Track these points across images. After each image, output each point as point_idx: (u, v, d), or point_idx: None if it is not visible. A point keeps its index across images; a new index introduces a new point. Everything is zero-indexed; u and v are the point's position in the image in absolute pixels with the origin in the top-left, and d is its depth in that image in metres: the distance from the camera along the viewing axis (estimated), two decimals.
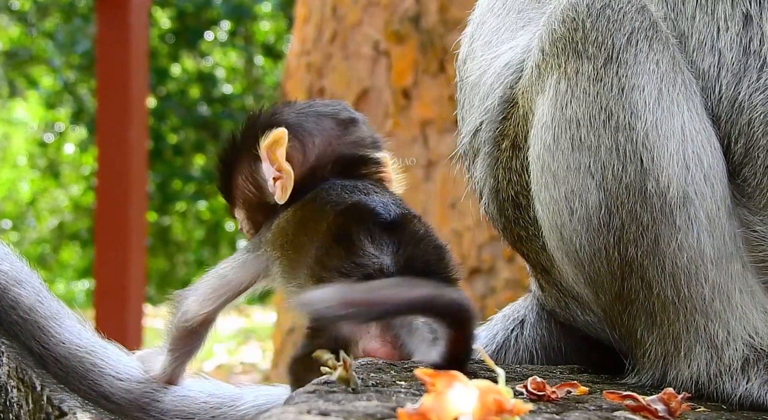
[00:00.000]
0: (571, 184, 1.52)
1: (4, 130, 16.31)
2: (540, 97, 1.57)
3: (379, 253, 1.52)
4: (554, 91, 1.54)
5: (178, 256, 15.32)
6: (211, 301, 1.67)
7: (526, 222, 1.65)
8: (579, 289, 1.58)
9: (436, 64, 4.45)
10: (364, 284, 1.44)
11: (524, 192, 1.63)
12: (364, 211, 1.57)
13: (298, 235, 1.60)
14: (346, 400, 1.18)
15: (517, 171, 1.64)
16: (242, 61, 14.25)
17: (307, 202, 1.63)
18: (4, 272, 1.75)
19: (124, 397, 1.75)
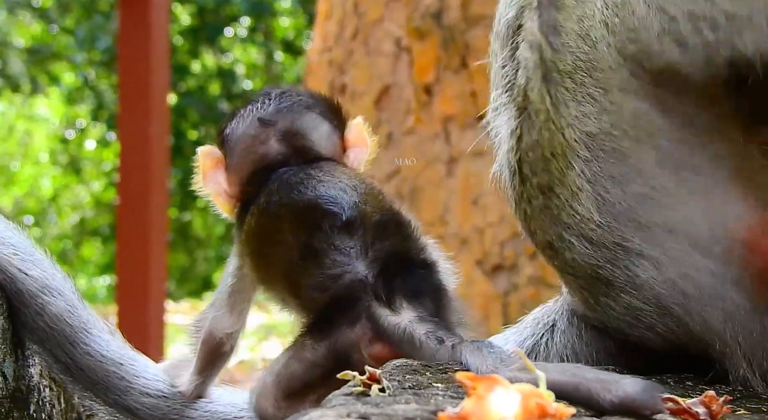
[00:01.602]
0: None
1: (26, 126, 16.37)
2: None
3: (348, 259, 1.49)
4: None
5: (198, 251, 15.36)
6: (236, 316, 1.66)
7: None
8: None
9: (458, 60, 4.44)
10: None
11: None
12: (317, 215, 1.52)
13: (261, 246, 1.57)
14: (384, 403, 1.17)
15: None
16: (262, 57, 14.26)
17: (261, 206, 1.59)
18: (34, 278, 1.73)
19: (151, 414, 1.74)
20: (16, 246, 1.74)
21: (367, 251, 1.51)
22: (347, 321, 1.48)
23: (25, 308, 1.73)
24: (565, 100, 1.55)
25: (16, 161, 16.49)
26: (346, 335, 1.48)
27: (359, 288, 1.49)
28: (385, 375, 1.32)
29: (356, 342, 1.48)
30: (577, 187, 1.56)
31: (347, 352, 1.49)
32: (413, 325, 1.46)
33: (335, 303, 1.49)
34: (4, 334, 1.71)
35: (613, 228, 1.54)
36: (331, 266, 1.49)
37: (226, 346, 1.68)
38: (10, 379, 1.72)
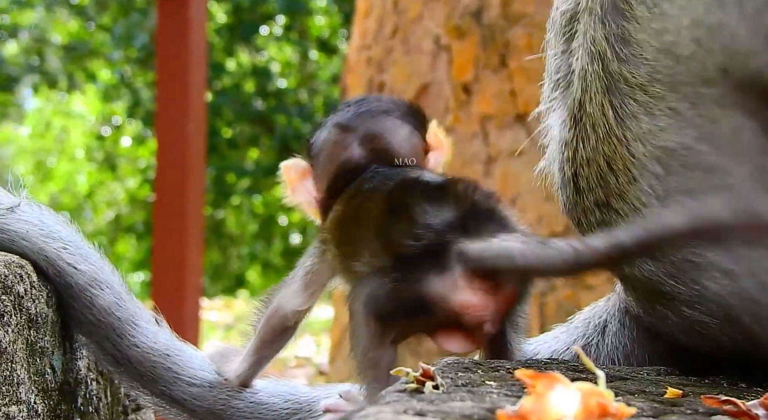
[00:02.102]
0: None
1: (63, 122, 16.47)
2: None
3: (440, 211, 1.50)
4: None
5: (231, 249, 15.40)
6: (308, 295, 1.65)
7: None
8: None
9: (497, 58, 4.42)
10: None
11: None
12: (408, 184, 1.56)
13: (349, 223, 1.58)
14: (439, 400, 1.17)
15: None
16: (297, 55, 14.28)
17: (349, 198, 1.61)
18: (83, 272, 1.74)
19: (197, 404, 1.74)
20: (65, 240, 1.75)
21: (457, 203, 1.51)
22: (437, 269, 1.47)
23: (75, 301, 1.74)
24: (634, 113, 1.52)
25: (52, 157, 16.59)
26: (435, 283, 1.46)
27: (449, 232, 1.47)
28: (438, 372, 1.31)
29: (443, 291, 1.46)
30: (640, 203, 1.53)
31: (433, 301, 1.47)
32: (505, 242, 1.44)
33: (426, 252, 1.48)
34: (53, 327, 1.72)
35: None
36: (424, 217, 1.49)
37: (289, 323, 1.67)
38: (59, 372, 1.73)
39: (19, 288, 1.65)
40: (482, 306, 1.45)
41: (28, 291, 1.66)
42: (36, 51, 14.21)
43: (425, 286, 1.47)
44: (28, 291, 1.66)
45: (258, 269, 15.38)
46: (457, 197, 1.52)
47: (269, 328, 1.67)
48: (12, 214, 1.74)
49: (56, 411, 1.71)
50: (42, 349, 1.69)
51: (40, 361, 1.68)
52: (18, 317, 1.64)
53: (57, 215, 1.78)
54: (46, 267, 1.73)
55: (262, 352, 1.70)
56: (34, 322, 1.67)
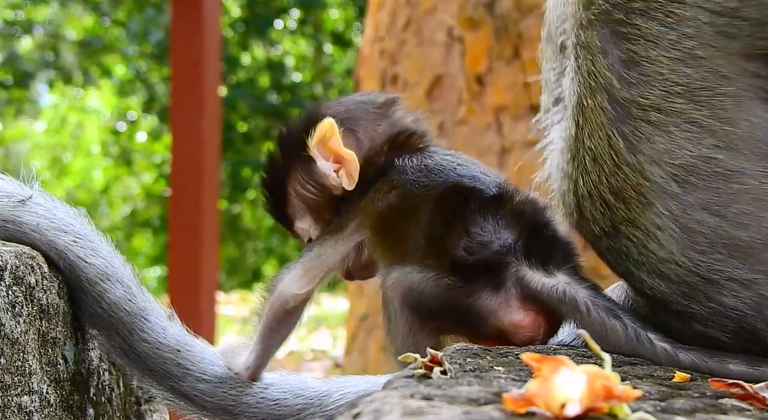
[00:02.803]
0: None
1: (78, 118, 16.52)
2: None
3: (496, 227, 1.53)
4: None
5: (247, 243, 15.42)
6: (307, 280, 1.66)
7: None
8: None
9: (510, 50, 4.41)
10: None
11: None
12: (464, 192, 1.58)
13: (394, 220, 1.60)
14: (446, 385, 1.17)
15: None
16: (311, 49, 14.28)
17: (391, 184, 1.62)
18: (93, 266, 1.74)
19: (207, 400, 1.74)
20: (76, 233, 1.75)
21: (514, 222, 1.55)
22: (491, 286, 1.52)
23: (84, 295, 1.74)
24: (648, 135, 1.51)
25: (68, 153, 16.64)
26: (488, 299, 1.52)
27: (507, 254, 1.52)
28: (446, 358, 1.31)
29: (496, 308, 1.51)
30: (655, 227, 1.52)
31: (482, 315, 1.51)
32: (573, 288, 1.51)
33: (480, 267, 1.52)
34: (64, 317, 1.73)
35: (698, 262, 1.51)
36: (480, 234, 1.53)
37: (290, 307, 1.67)
38: (71, 363, 1.74)
39: (31, 279, 1.65)
40: (534, 327, 1.53)
41: (39, 282, 1.67)
42: (51, 47, 14.25)
43: (479, 301, 1.51)
44: (39, 282, 1.67)
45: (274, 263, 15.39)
46: (515, 215, 1.55)
47: (272, 314, 1.68)
48: (23, 206, 1.74)
49: (68, 401, 1.72)
50: (54, 340, 1.70)
51: (52, 351, 1.69)
52: (30, 308, 1.64)
53: (69, 208, 1.78)
54: (56, 260, 1.73)
55: (268, 340, 1.70)
56: (45, 313, 1.68)
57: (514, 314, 1.52)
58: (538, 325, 1.53)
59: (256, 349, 1.72)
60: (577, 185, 1.59)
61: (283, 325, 1.69)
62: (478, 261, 1.52)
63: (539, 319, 1.53)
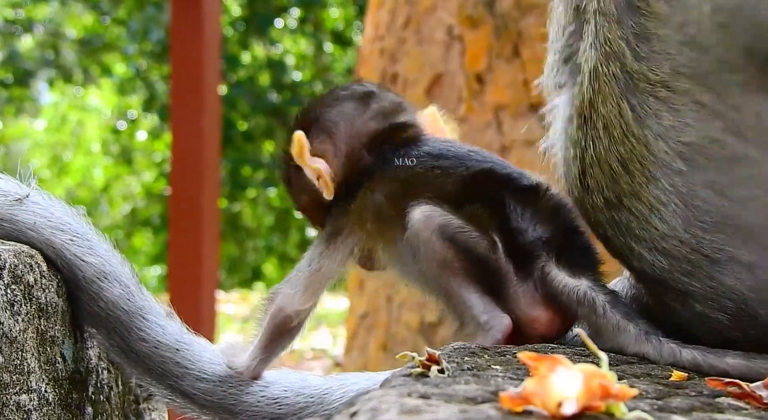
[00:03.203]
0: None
1: (78, 116, 16.52)
2: None
3: (532, 218, 1.56)
4: None
5: (248, 242, 15.42)
6: (309, 295, 1.66)
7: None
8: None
9: (510, 48, 4.42)
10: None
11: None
12: (498, 178, 1.59)
13: (401, 200, 1.59)
14: (444, 383, 1.17)
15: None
16: (311, 48, 14.28)
17: (387, 177, 1.62)
18: (90, 264, 1.74)
19: (207, 399, 1.74)
20: (73, 232, 1.75)
21: (549, 218, 1.57)
22: (522, 272, 1.54)
23: (82, 293, 1.74)
24: (656, 111, 1.51)
25: (68, 151, 16.64)
26: (518, 284, 1.54)
27: (540, 247, 1.54)
28: (444, 356, 1.32)
29: (520, 297, 1.54)
30: (659, 202, 1.52)
31: (508, 297, 1.54)
32: (594, 292, 1.53)
33: (514, 250, 1.54)
34: (63, 316, 1.73)
35: (702, 240, 1.51)
36: (518, 221, 1.55)
37: (293, 323, 1.68)
38: (69, 361, 1.74)
39: (29, 277, 1.66)
40: (549, 325, 1.55)
41: (38, 280, 1.67)
42: (51, 45, 14.25)
43: (509, 280, 1.54)
44: (38, 280, 1.67)
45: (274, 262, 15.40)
46: (550, 211, 1.58)
47: (274, 326, 1.68)
48: (20, 205, 1.74)
49: (67, 400, 1.72)
50: (53, 338, 1.70)
51: (51, 350, 1.69)
52: (28, 306, 1.65)
53: (67, 206, 1.78)
54: (54, 258, 1.73)
55: (269, 348, 1.71)
56: (44, 311, 1.68)
57: (535, 309, 1.54)
58: (553, 324, 1.56)
59: (259, 355, 1.72)
60: (585, 152, 1.59)
61: (285, 336, 1.70)
62: (513, 244, 1.54)
63: (556, 318, 1.55)
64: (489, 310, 1.53)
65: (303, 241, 15.07)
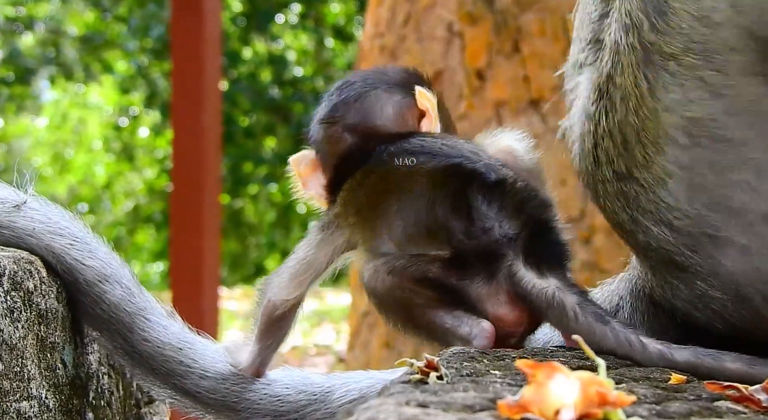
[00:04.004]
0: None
1: (80, 114, 16.53)
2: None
3: (498, 215, 1.53)
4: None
5: (250, 238, 15.44)
6: (295, 285, 1.66)
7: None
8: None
9: (510, 44, 4.41)
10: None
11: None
12: (464, 175, 1.56)
13: (376, 197, 1.59)
14: (442, 391, 1.17)
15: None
16: (313, 43, 14.28)
17: (370, 171, 1.61)
18: (91, 268, 1.75)
19: (211, 397, 1.74)
20: (72, 236, 1.75)
21: (516, 213, 1.54)
22: (485, 273, 1.52)
23: (84, 297, 1.75)
24: (666, 84, 1.52)
25: (70, 149, 16.66)
26: (480, 287, 1.52)
27: (506, 245, 1.52)
28: (443, 362, 1.32)
29: (484, 297, 1.52)
30: (666, 174, 1.53)
31: (472, 303, 1.52)
32: (563, 293, 1.50)
33: (477, 253, 1.52)
34: (63, 322, 1.73)
35: (703, 216, 1.52)
36: (482, 219, 1.53)
37: (279, 312, 1.67)
38: (70, 367, 1.74)
39: (29, 284, 1.66)
40: (516, 323, 1.53)
41: (38, 286, 1.67)
42: (52, 43, 14.26)
43: (470, 286, 1.52)
44: (38, 286, 1.67)
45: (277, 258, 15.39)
46: (517, 205, 1.54)
47: (265, 318, 1.68)
48: (18, 211, 1.74)
49: (68, 405, 1.72)
50: (53, 344, 1.70)
51: (51, 356, 1.69)
52: (28, 313, 1.65)
53: (64, 211, 1.78)
54: (54, 263, 1.73)
55: (264, 340, 1.71)
56: (44, 318, 1.68)
57: (500, 307, 1.52)
58: (520, 322, 1.53)
59: (256, 348, 1.73)
60: (598, 125, 1.59)
61: (277, 327, 1.70)
62: (476, 246, 1.51)
63: (523, 316, 1.53)
64: (466, 321, 1.52)
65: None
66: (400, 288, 1.54)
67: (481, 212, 1.52)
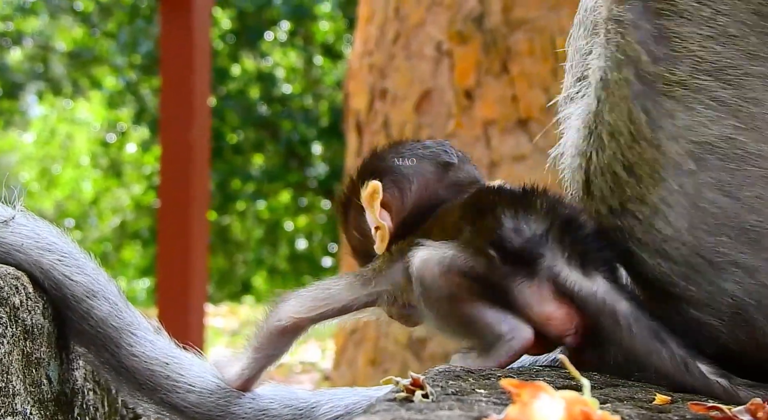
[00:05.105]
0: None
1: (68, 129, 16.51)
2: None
3: (527, 217, 1.52)
4: None
5: (237, 255, 15.42)
6: (307, 308, 1.66)
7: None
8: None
9: (499, 64, 4.43)
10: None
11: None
12: (491, 190, 1.60)
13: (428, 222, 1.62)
14: (427, 409, 1.17)
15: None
16: (302, 61, 14.30)
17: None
18: (79, 283, 1.75)
19: (196, 411, 1.74)
20: (60, 252, 1.76)
21: (543, 215, 1.53)
22: (526, 274, 1.50)
23: (71, 313, 1.75)
24: (671, 111, 1.52)
25: (57, 164, 16.63)
26: (524, 287, 1.50)
27: (539, 244, 1.50)
28: (429, 381, 1.32)
29: (529, 299, 1.50)
30: (665, 204, 1.53)
31: (519, 305, 1.50)
32: (613, 297, 1.47)
33: (514, 255, 1.50)
34: (49, 338, 1.73)
35: (705, 243, 1.51)
36: (510, 221, 1.52)
37: (284, 331, 1.67)
38: (55, 383, 1.74)
39: (15, 300, 1.66)
40: (565, 321, 1.49)
41: (23, 302, 1.67)
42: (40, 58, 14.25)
43: (515, 287, 1.49)
44: (23, 302, 1.67)
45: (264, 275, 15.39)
46: (544, 207, 1.54)
47: (267, 331, 1.68)
48: (7, 227, 1.74)
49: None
50: (38, 360, 1.70)
51: (36, 372, 1.69)
52: (14, 329, 1.65)
53: (52, 227, 1.78)
54: (42, 279, 1.73)
55: (258, 355, 1.71)
56: (30, 333, 1.68)
57: (546, 305, 1.49)
58: (570, 318, 1.49)
59: (247, 362, 1.73)
60: (589, 162, 1.59)
61: (275, 345, 1.69)
62: (512, 248, 1.50)
63: (572, 312, 1.49)
64: (509, 321, 1.50)
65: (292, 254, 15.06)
66: (448, 279, 1.52)
67: (508, 216, 1.52)
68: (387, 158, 1.71)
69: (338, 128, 10.60)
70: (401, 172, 1.69)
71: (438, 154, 1.71)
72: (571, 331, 1.50)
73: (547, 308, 1.49)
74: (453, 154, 1.71)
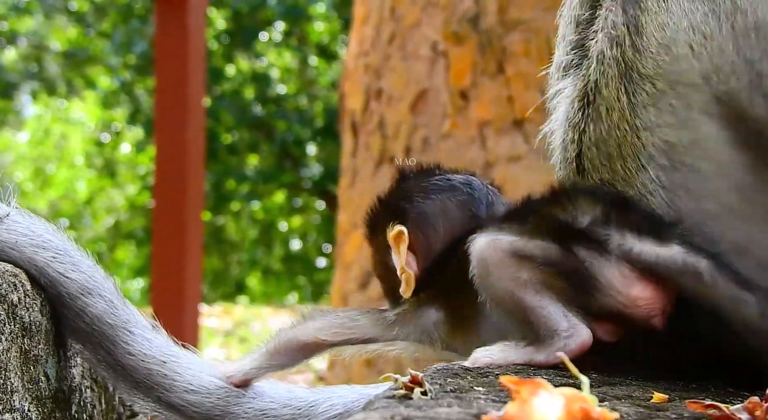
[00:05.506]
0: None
1: (62, 129, 16.49)
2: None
3: (577, 204, 1.50)
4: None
5: (231, 255, 15.41)
6: (332, 333, 1.66)
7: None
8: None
9: (494, 64, 4.43)
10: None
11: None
12: (533, 196, 1.59)
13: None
14: (426, 406, 1.18)
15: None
16: (296, 61, 14.29)
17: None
18: (74, 281, 1.74)
19: (195, 410, 1.74)
20: (55, 249, 1.75)
21: (591, 198, 1.51)
22: (597, 255, 1.46)
23: (67, 310, 1.74)
24: (645, 103, 1.53)
25: (51, 164, 16.61)
26: (604, 273, 1.46)
27: (600, 225, 1.47)
28: (427, 378, 1.32)
29: (611, 281, 1.46)
30: (647, 191, 1.54)
31: (597, 287, 1.46)
32: (693, 257, 1.44)
33: (583, 236, 1.47)
34: (47, 335, 1.73)
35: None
36: (567, 212, 1.50)
37: (297, 343, 1.68)
38: (53, 380, 1.74)
39: (13, 297, 1.66)
40: (653, 300, 1.46)
41: (21, 299, 1.67)
42: (35, 58, 14.24)
43: (595, 270, 1.46)
44: (21, 299, 1.67)
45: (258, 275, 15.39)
46: (590, 193, 1.52)
47: (287, 342, 1.69)
48: (1, 224, 1.73)
49: (50, 419, 1.72)
50: (36, 357, 1.70)
51: (34, 369, 1.69)
52: (12, 326, 1.64)
53: (47, 224, 1.78)
54: (37, 276, 1.73)
55: (265, 358, 1.71)
56: (28, 331, 1.68)
57: (632, 288, 1.45)
58: (659, 296, 1.46)
59: (252, 360, 1.73)
60: (583, 135, 1.59)
61: (290, 354, 1.70)
62: (580, 229, 1.47)
63: (658, 291, 1.45)
64: (570, 319, 1.47)
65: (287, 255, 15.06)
66: (513, 263, 1.49)
67: (560, 206, 1.51)
68: (413, 198, 1.68)
69: (333, 129, 10.60)
70: (427, 215, 1.67)
71: (464, 192, 1.68)
72: (657, 312, 1.47)
73: (633, 290, 1.46)
74: (476, 186, 1.68)
